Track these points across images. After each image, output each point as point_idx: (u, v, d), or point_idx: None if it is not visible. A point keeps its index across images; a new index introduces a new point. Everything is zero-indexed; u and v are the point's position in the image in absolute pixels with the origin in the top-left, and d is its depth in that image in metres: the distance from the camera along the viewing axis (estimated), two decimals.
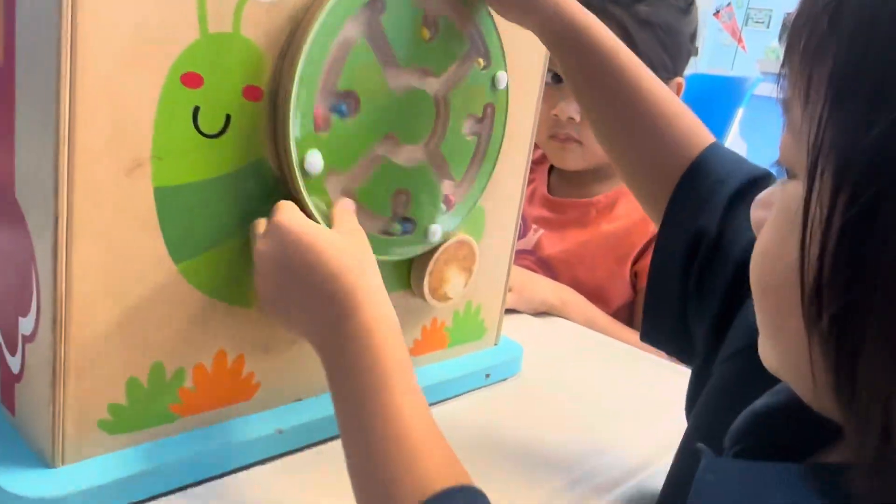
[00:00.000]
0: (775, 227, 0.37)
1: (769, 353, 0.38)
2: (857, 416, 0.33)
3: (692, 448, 0.42)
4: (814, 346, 0.33)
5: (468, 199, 0.64)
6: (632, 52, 0.57)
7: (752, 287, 0.38)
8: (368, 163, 0.56)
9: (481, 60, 0.61)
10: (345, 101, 0.53)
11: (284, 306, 0.50)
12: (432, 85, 0.59)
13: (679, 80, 1.01)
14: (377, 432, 0.43)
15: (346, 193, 0.55)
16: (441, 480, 0.41)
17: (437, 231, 0.61)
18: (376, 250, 0.52)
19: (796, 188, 0.34)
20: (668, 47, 0.97)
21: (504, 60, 0.63)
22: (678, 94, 1.00)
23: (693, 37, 1.02)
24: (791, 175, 0.36)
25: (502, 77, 0.63)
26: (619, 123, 0.57)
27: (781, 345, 0.37)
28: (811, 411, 0.36)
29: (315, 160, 0.52)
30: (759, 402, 0.42)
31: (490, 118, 0.63)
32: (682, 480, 0.46)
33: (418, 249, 0.62)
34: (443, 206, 0.61)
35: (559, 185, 1.09)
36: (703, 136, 0.56)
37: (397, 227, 0.59)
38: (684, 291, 0.54)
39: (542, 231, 1.06)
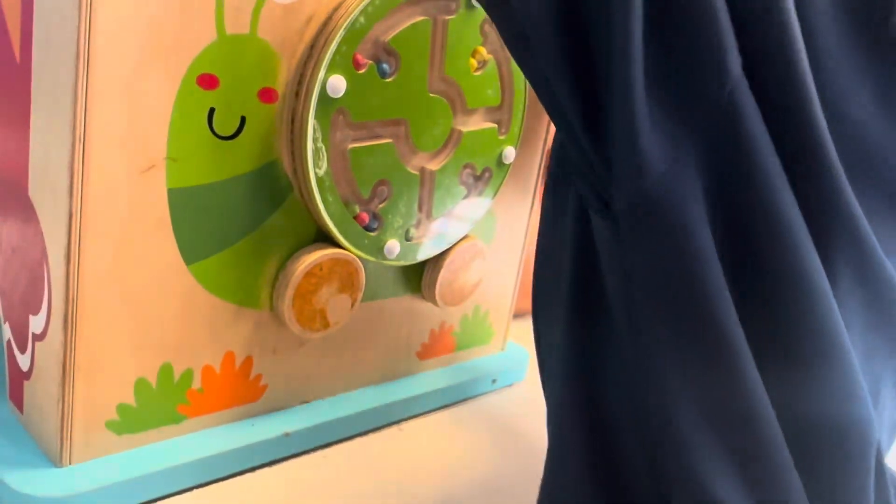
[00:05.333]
0: None
1: None
2: None
3: None
4: None
5: (428, 244, 0.61)
6: None
7: None
8: (376, 129, 0.54)
9: (500, 126, 0.61)
10: (388, 58, 0.53)
11: None
12: (457, 112, 0.58)
13: None
14: None
15: (340, 150, 0.53)
16: None
17: (394, 249, 0.58)
18: (342, 229, 0.54)
19: None
20: None
21: (517, 141, 0.62)
22: None
23: None
24: None
25: (510, 153, 0.62)
26: None
27: None
28: None
29: (338, 84, 0.50)
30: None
31: (484, 184, 0.62)
32: None
33: (370, 257, 0.58)
34: (413, 232, 0.60)
35: None
36: None
37: (356, 210, 0.56)
38: None
39: None
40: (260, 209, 0.52)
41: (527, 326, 0.88)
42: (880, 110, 0.40)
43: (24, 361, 0.51)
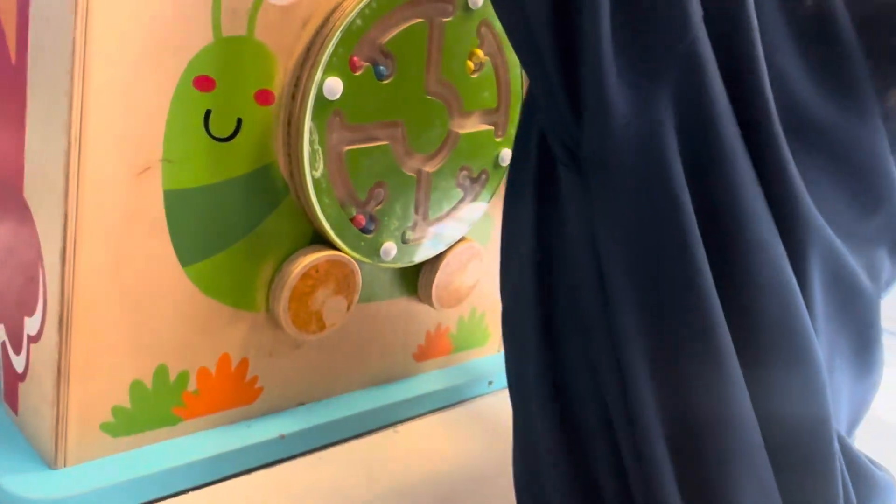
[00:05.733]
0: None
1: None
2: None
3: None
4: None
5: (424, 246, 0.61)
6: None
7: None
8: (372, 131, 0.54)
9: (497, 128, 0.61)
10: (385, 60, 0.53)
11: None
12: (454, 115, 0.58)
13: None
14: None
15: (336, 152, 0.53)
16: None
17: (391, 252, 0.58)
18: (338, 231, 0.54)
19: None
20: None
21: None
22: None
23: None
24: None
25: (507, 155, 0.62)
26: None
27: None
28: None
29: (335, 86, 0.50)
30: None
31: (480, 186, 0.62)
32: None
33: (366, 259, 0.58)
34: (409, 234, 0.60)
35: None
36: None
37: (353, 212, 0.56)
38: None
39: None
40: (256, 211, 0.52)
41: None
42: (813, 85, 0.41)
43: (18, 363, 0.51)
